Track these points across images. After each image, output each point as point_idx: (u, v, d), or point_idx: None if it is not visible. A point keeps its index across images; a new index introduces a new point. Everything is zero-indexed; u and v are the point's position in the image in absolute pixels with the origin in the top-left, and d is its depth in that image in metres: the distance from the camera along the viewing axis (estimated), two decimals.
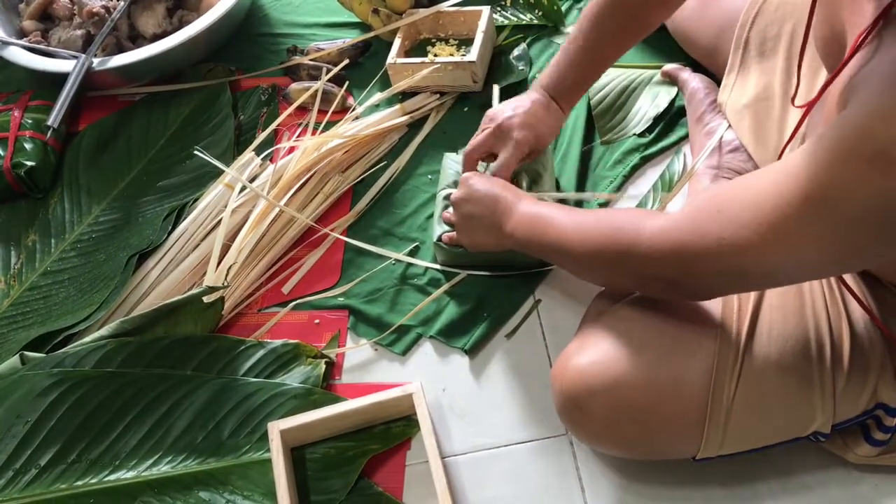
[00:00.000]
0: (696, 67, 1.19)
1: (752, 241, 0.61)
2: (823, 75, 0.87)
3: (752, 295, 0.76)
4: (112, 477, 0.88)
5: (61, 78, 1.26)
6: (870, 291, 0.77)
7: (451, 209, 1.03)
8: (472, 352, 0.98)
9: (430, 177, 1.17)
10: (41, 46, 1.35)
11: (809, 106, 0.68)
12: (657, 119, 1.17)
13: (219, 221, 1.10)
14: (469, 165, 1.00)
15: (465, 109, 1.23)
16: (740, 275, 0.66)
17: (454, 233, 1.01)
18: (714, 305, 0.76)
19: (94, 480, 0.88)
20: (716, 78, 1.14)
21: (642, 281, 0.74)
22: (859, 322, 0.75)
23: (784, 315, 0.75)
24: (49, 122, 1.23)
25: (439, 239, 1.03)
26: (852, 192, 0.54)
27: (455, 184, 1.07)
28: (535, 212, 0.86)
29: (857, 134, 0.53)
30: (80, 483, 0.88)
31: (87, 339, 0.97)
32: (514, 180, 1.05)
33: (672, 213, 0.70)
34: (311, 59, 1.34)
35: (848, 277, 0.78)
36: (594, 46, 0.93)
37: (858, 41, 0.58)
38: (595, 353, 0.75)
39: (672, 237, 0.68)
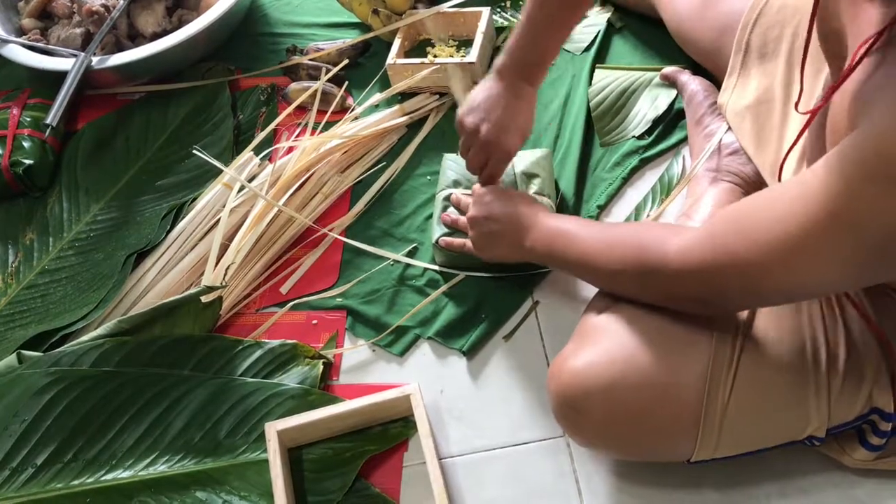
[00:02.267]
0: (696, 70, 1.19)
1: (777, 262, 0.61)
2: (823, 77, 0.87)
3: None
4: (109, 476, 0.88)
5: (60, 76, 1.26)
6: (866, 295, 0.77)
7: (451, 210, 1.03)
8: (469, 353, 0.98)
9: (429, 177, 1.17)
10: (40, 44, 1.35)
11: (813, 113, 0.68)
12: (656, 121, 1.17)
13: (217, 221, 1.10)
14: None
15: None
16: (766, 292, 0.66)
17: (453, 238, 1.01)
18: None
19: (90, 480, 0.88)
20: (715, 80, 1.14)
21: (668, 298, 0.75)
22: (855, 326, 0.75)
23: (779, 318, 0.75)
24: (48, 121, 1.22)
25: (438, 240, 1.03)
26: (878, 213, 0.54)
27: (455, 183, 1.07)
28: (554, 226, 0.86)
29: (878, 156, 0.53)
30: (76, 482, 0.88)
31: (85, 338, 0.97)
32: (515, 184, 1.06)
33: (694, 231, 0.70)
34: (310, 59, 1.34)
35: None
36: (551, 18, 0.92)
37: (862, 50, 0.58)
38: (591, 355, 0.75)
39: (696, 257, 0.68)
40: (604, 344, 0.75)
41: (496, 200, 0.94)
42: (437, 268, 1.06)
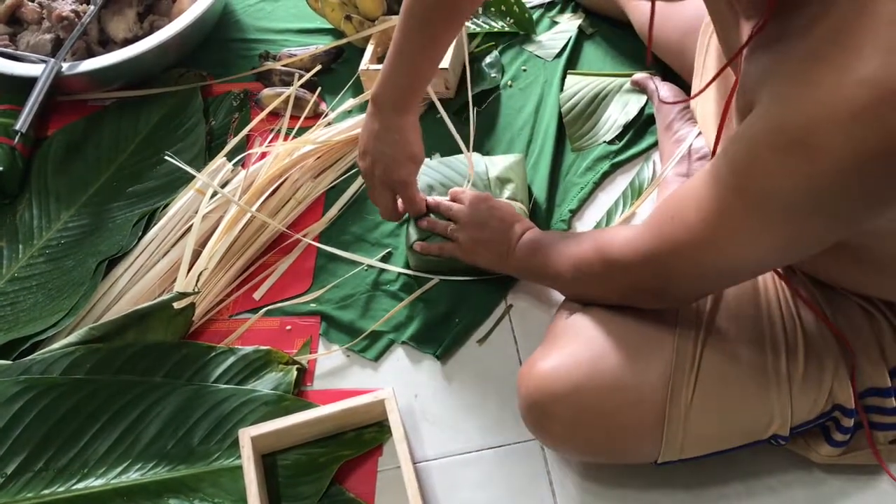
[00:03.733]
0: (666, 74, 1.20)
1: (704, 241, 0.64)
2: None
3: (709, 300, 0.78)
4: (80, 485, 0.88)
5: (30, 82, 1.25)
6: (821, 295, 0.78)
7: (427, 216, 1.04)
8: (443, 358, 0.98)
9: None
10: (9, 50, 1.33)
11: (724, 110, 0.71)
12: (627, 127, 1.19)
13: (189, 227, 1.10)
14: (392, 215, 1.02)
15: (438, 116, 1.24)
16: (707, 273, 0.68)
17: (429, 243, 1.01)
18: (673, 311, 0.77)
19: (61, 489, 0.87)
20: (684, 82, 1.16)
21: (626, 293, 0.77)
22: (812, 325, 0.77)
23: (739, 319, 0.77)
24: (17, 127, 1.21)
25: (413, 245, 1.03)
26: (779, 182, 0.56)
27: (429, 188, 1.07)
28: (535, 240, 0.89)
29: (771, 127, 0.56)
30: (47, 492, 0.87)
31: (56, 345, 0.96)
32: (489, 189, 1.06)
33: (640, 225, 0.73)
34: (283, 65, 1.34)
35: (799, 283, 0.80)
36: (421, 50, 0.91)
37: (744, 44, 0.63)
38: (558, 359, 0.76)
39: (639, 246, 0.72)
40: (570, 348, 0.76)
41: (494, 209, 0.96)
42: (411, 272, 1.06)
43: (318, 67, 1.31)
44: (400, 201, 1.01)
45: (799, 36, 0.56)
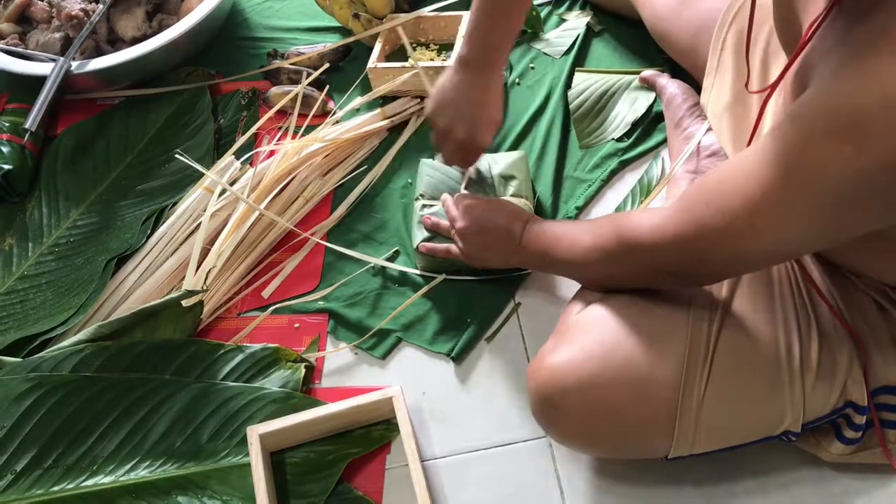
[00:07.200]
0: (675, 72, 1.20)
1: (745, 227, 0.63)
2: (779, 65, 0.89)
3: (723, 293, 0.78)
4: (89, 482, 0.88)
5: (39, 81, 1.25)
6: (837, 290, 0.78)
7: (434, 211, 1.04)
8: (458, 358, 0.98)
9: (410, 181, 1.17)
10: (19, 49, 1.34)
11: (770, 91, 0.70)
12: (635, 124, 1.18)
13: (198, 225, 1.10)
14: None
15: None
16: (741, 258, 0.68)
17: (435, 244, 1.01)
18: (685, 304, 0.77)
19: (70, 486, 0.88)
20: (694, 79, 1.15)
21: (650, 275, 0.76)
22: (827, 321, 0.76)
23: (754, 314, 0.76)
24: (27, 126, 1.22)
25: (418, 246, 1.03)
26: (830, 168, 0.56)
27: (434, 189, 1.07)
28: (541, 230, 0.88)
29: (826, 112, 0.55)
30: (56, 489, 0.87)
31: (65, 343, 0.96)
32: (493, 186, 1.06)
33: (665, 208, 0.73)
34: (291, 63, 1.34)
35: (815, 275, 0.79)
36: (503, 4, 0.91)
37: (812, 28, 0.62)
38: (568, 353, 0.76)
39: (670, 231, 0.70)
40: (581, 341, 0.76)
41: (485, 212, 0.94)
42: (418, 272, 1.06)
43: (326, 65, 1.31)
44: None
45: (863, 15, 0.55)
